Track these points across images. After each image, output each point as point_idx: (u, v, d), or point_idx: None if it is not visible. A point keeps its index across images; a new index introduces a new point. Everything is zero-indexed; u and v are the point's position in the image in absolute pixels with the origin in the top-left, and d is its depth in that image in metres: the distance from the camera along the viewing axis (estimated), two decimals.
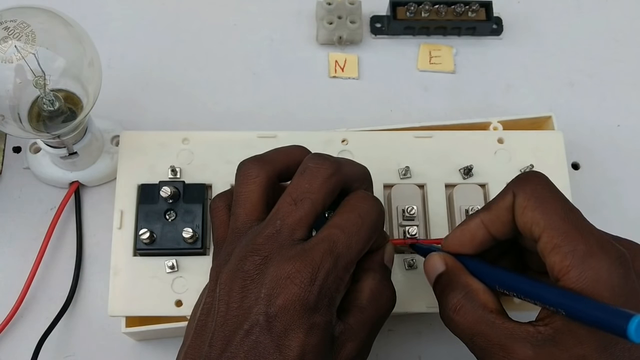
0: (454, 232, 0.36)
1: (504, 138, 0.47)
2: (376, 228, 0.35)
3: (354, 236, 0.33)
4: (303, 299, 0.31)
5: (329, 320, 0.32)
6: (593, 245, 0.30)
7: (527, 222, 0.32)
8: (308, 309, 0.31)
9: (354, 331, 0.34)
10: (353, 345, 0.33)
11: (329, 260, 0.32)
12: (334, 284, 0.32)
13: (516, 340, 0.32)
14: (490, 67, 0.58)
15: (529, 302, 0.32)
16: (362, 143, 0.46)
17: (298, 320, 0.31)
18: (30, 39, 0.39)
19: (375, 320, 0.35)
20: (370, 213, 0.34)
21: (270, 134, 0.46)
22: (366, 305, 0.34)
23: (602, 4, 0.62)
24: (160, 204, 0.43)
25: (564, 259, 0.31)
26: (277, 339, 0.31)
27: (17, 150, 0.52)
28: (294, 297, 0.31)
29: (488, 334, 0.32)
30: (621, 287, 0.30)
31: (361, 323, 0.34)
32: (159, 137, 0.46)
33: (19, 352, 0.46)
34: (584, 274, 0.30)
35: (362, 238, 0.34)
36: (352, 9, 0.57)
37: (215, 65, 0.57)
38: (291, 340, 0.31)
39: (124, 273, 0.43)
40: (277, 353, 0.31)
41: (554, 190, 0.33)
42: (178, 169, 0.45)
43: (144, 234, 0.42)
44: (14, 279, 0.48)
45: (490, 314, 0.33)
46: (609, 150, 0.55)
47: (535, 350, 0.31)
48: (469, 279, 0.34)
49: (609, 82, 0.58)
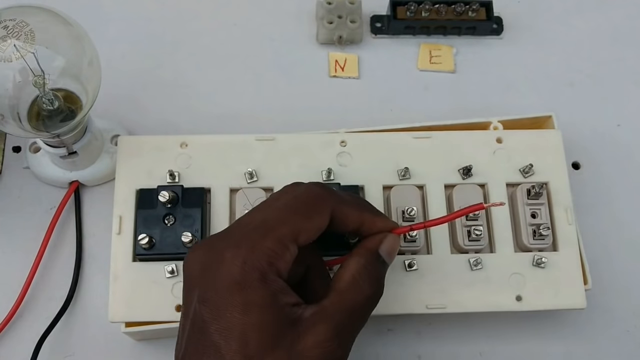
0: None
1: (502, 138, 0.47)
2: (312, 204, 0.34)
3: (283, 211, 0.34)
4: (228, 275, 0.31)
5: (270, 297, 0.31)
6: None
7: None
8: (235, 285, 0.31)
9: (327, 314, 0.32)
10: (325, 328, 0.32)
11: (252, 235, 0.32)
12: (263, 257, 0.32)
13: None
14: (491, 66, 0.58)
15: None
16: (360, 144, 0.46)
17: (229, 298, 0.31)
18: (30, 38, 0.39)
19: (355, 307, 0.33)
20: (307, 191, 0.35)
21: (269, 136, 0.46)
22: (344, 289, 0.34)
23: (602, 4, 0.62)
24: (159, 208, 0.43)
25: None
26: (214, 323, 0.31)
27: (17, 150, 0.52)
28: (219, 276, 0.31)
29: None
30: None
31: (337, 306, 0.33)
32: (156, 141, 0.46)
33: (18, 352, 0.46)
34: None
35: (295, 210, 0.34)
36: (352, 9, 0.57)
37: (215, 64, 0.57)
38: (228, 321, 0.31)
39: (123, 278, 0.43)
40: (220, 337, 0.31)
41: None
42: (176, 173, 0.44)
43: (143, 239, 0.42)
44: (13, 278, 0.48)
45: None
46: (609, 150, 0.55)
47: None
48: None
49: (609, 82, 0.58)
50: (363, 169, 0.45)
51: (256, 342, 0.31)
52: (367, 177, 0.45)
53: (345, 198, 0.36)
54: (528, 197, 0.45)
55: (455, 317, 0.45)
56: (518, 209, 0.45)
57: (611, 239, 0.52)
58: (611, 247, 0.52)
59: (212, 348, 0.31)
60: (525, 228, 0.44)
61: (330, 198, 0.35)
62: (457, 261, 0.44)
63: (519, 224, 0.45)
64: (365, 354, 0.48)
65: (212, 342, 0.31)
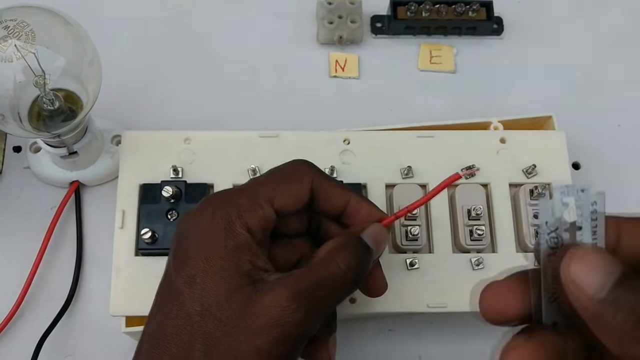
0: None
1: (506, 138, 0.47)
2: (292, 172, 0.36)
3: (263, 177, 0.36)
4: (198, 225, 0.33)
5: (233, 249, 0.32)
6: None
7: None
8: (201, 234, 0.32)
9: (291, 279, 0.32)
10: (286, 291, 0.31)
11: (227, 192, 0.34)
12: (232, 209, 0.33)
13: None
14: (491, 66, 0.58)
15: None
16: (364, 143, 0.46)
17: (195, 247, 0.32)
18: (30, 38, 0.39)
19: (324, 279, 0.32)
20: (290, 163, 0.36)
21: (272, 133, 0.46)
22: (316, 262, 0.33)
23: (602, 4, 0.62)
24: (162, 203, 0.43)
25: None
26: (181, 271, 0.32)
27: (18, 150, 0.52)
28: (190, 229, 0.33)
29: None
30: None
31: (304, 275, 0.32)
32: (160, 136, 0.46)
33: (19, 351, 0.46)
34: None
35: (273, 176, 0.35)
36: (352, 9, 0.57)
37: (216, 65, 0.57)
38: (192, 268, 0.32)
39: (125, 273, 0.43)
40: (184, 284, 0.32)
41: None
42: (180, 169, 0.44)
43: (145, 233, 0.42)
44: (14, 278, 0.48)
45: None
46: (609, 150, 0.55)
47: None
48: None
49: (609, 82, 0.58)
50: (366, 167, 0.45)
51: (214, 291, 0.31)
52: (370, 176, 0.45)
53: (332, 178, 0.37)
54: (531, 197, 0.45)
55: (456, 316, 0.45)
56: (520, 209, 0.45)
57: None
58: None
59: (175, 295, 0.32)
60: (528, 228, 0.44)
61: (312, 170, 0.36)
62: (459, 261, 0.44)
63: (521, 224, 0.45)
64: (366, 354, 0.48)
65: (177, 288, 0.32)
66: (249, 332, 0.31)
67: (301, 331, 0.31)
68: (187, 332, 0.31)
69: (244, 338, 0.31)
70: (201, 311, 0.31)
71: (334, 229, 0.37)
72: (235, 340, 0.31)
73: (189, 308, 0.31)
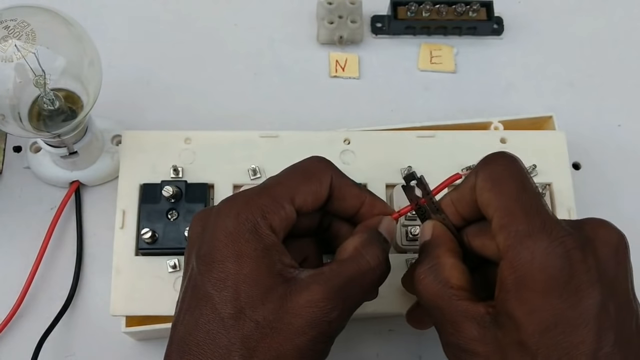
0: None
1: (506, 138, 0.47)
2: (311, 170, 0.35)
3: (282, 176, 0.35)
4: (222, 227, 0.32)
5: (262, 250, 0.32)
6: (535, 226, 0.30)
7: (484, 203, 0.33)
8: (228, 237, 0.32)
9: (324, 276, 0.32)
10: (320, 289, 0.31)
11: (248, 193, 0.34)
12: (256, 210, 0.33)
13: (466, 318, 0.32)
14: (491, 67, 0.58)
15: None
16: (364, 143, 0.46)
17: (222, 250, 0.32)
18: (31, 38, 0.39)
19: (355, 275, 0.33)
20: (309, 160, 0.36)
21: (273, 133, 0.46)
22: (346, 259, 0.34)
23: (602, 4, 0.62)
24: (163, 203, 0.43)
25: (506, 238, 0.31)
26: (208, 275, 0.32)
27: (18, 150, 0.52)
28: (214, 230, 0.32)
29: (443, 308, 0.32)
30: (558, 268, 0.29)
31: (335, 272, 0.33)
32: (161, 136, 0.46)
33: (19, 352, 0.46)
34: (520, 254, 0.30)
35: (293, 175, 0.35)
36: (352, 9, 0.57)
37: (216, 65, 0.57)
38: (221, 272, 0.31)
39: (126, 273, 0.43)
40: (213, 288, 0.31)
41: (513, 171, 0.33)
42: (180, 169, 0.45)
43: (146, 233, 0.42)
44: (14, 278, 0.48)
45: (450, 289, 0.33)
46: (609, 150, 0.55)
47: (480, 331, 0.31)
48: (443, 251, 0.34)
49: (609, 82, 0.58)
50: (366, 167, 0.45)
51: (247, 293, 0.31)
52: (370, 176, 0.45)
53: (347, 177, 0.37)
54: None
55: None
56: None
57: None
58: None
59: (205, 299, 0.32)
60: None
61: (331, 169, 0.36)
62: None
63: None
64: (366, 354, 0.48)
65: (206, 293, 0.32)
66: (288, 333, 0.31)
67: (335, 328, 0.32)
68: (222, 336, 0.31)
69: (283, 339, 0.31)
70: (235, 314, 0.31)
71: (345, 229, 0.37)
72: (275, 341, 0.31)
73: (221, 312, 0.31)
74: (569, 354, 0.29)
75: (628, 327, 0.30)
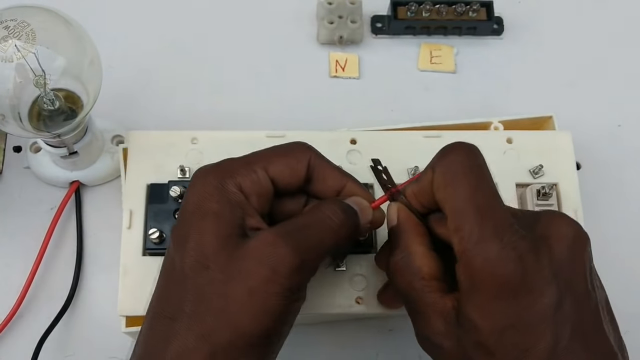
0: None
1: (512, 138, 0.47)
2: (290, 148, 0.36)
3: (262, 149, 0.36)
4: (191, 193, 0.34)
5: (226, 205, 0.33)
6: (487, 230, 0.30)
7: (440, 200, 0.33)
8: (197, 196, 0.33)
9: (278, 226, 0.33)
10: (270, 233, 0.32)
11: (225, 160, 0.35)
12: (226, 171, 0.34)
13: (434, 312, 0.32)
14: (491, 67, 0.58)
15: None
16: (370, 143, 0.46)
17: (191, 208, 0.33)
18: (31, 38, 0.39)
19: (310, 226, 0.33)
20: (290, 142, 0.37)
21: (279, 133, 0.46)
22: (305, 212, 0.35)
23: (602, 4, 0.62)
24: (170, 203, 0.43)
25: (460, 242, 0.31)
26: (177, 231, 0.33)
27: (18, 150, 0.52)
28: (188, 195, 0.34)
29: (415, 300, 0.33)
30: (510, 273, 0.29)
31: (290, 222, 0.33)
32: (168, 136, 0.46)
33: (19, 351, 0.46)
34: (473, 260, 0.30)
35: (272, 149, 0.36)
36: (352, 9, 0.57)
37: (216, 65, 0.57)
38: (188, 226, 0.33)
39: (133, 273, 0.43)
40: (179, 240, 0.33)
41: (468, 166, 0.32)
42: (187, 169, 0.45)
43: (153, 233, 0.42)
44: (14, 278, 0.48)
45: (421, 280, 0.33)
46: (610, 150, 0.55)
47: (446, 326, 0.32)
48: (412, 239, 0.34)
49: (609, 82, 0.58)
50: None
51: (207, 243, 0.32)
52: None
53: (329, 161, 0.37)
54: (537, 197, 0.45)
55: None
56: (527, 209, 0.45)
57: (612, 239, 0.52)
58: (612, 247, 0.52)
59: (172, 258, 0.33)
60: None
61: (311, 150, 0.36)
62: None
63: None
64: (366, 354, 0.48)
65: (172, 250, 0.33)
66: (238, 276, 0.31)
67: (290, 268, 0.31)
68: (180, 289, 0.32)
69: (235, 283, 0.31)
70: (193, 264, 0.32)
71: None
72: (225, 286, 0.31)
73: (185, 266, 0.32)
74: (527, 351, 0.29)
75: (587, 317, 0.31)
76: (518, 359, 0.30)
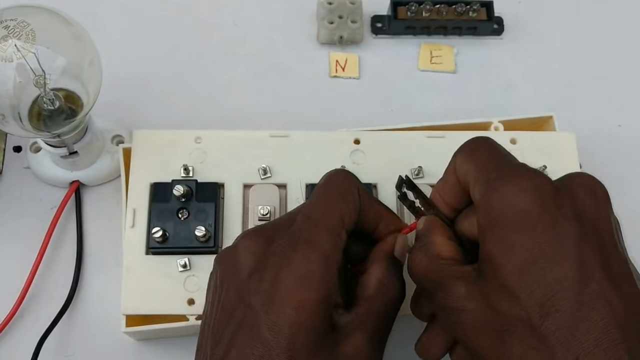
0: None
1: (516, 139, 0.47)
2: (343, 186, 0.35)
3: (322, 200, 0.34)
4: (290, 272, 0.32)
5: (325, 298, 0.31)
6: (505, 171, 0.31)
7: (463, 175, 0.33)
8: (297, 282, 0.31)
9: (362, 321, 0.33)
10: (361, 335, 0.33)
11: (305, 228, 0.33)
12: (319, 251, 0.32)
13: (454, 279, 0.32)
14: (491, 67, 0.58)
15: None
16: (374, 143, 0.46)
17: (286, 294, 0.31)
18: (31, 38, 0.39)
19: (384, 311, 0.34)
20: (335, 175, 0.36)
21: (283, 133, 0.46)
22: (373, 295, 0.34)
23: (602, 4, 0.62)
24: (173, 202, 0.43)
25: (480, 189, 0.31)
26: (266, 316, 0.31)
27: (18, 150, 0.52)
28: (281, 271, 0.32)
29: (435, 278, 0.33)
30: (529, 202, 0.29)
31: (369, 313, 0.33)
32: (171, 135, 0.46)
33: (19, 351, 0.46)
34: (491, 197, 0.30)
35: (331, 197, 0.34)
36: (353, 9, 0.57)
37: (215, 65, 0.57)
38: (280, 316, 0.31)
39: (136, 272, 0.43)
40: (269, 333, 0.31)
41: (485, 143, 0.33)
42: (190, 168, 0.45)
43: (156, 232, 0.42)
44: (14, 278, 0.48)
45: (441, 260, 0.33)
46: (610, 150, 0.55)
47: (468, 287, 0.31)
48: (433, 232, 0.34)
49: (609, 82, 0.58)
50: (376, 167, 0.45)
51: (302, 343, 0.31)
52: (380, 176, 0.45)
53: (368, 191, 0.37)
54: None
55: None
56: None
57: None
58: None
59: (260, 340, 0.31)
60: None
61: (357, 184, 0.36)
62: None
63: None
64: None
65: (261, 335, 0.31)
66: None
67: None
68: None
69: None
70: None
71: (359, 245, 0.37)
72: None
73: (274, 358, 0.30)
74: (552, 290, 0.28)
75: (615, 264, 0.29)
76: (542, 303, 0.28)
